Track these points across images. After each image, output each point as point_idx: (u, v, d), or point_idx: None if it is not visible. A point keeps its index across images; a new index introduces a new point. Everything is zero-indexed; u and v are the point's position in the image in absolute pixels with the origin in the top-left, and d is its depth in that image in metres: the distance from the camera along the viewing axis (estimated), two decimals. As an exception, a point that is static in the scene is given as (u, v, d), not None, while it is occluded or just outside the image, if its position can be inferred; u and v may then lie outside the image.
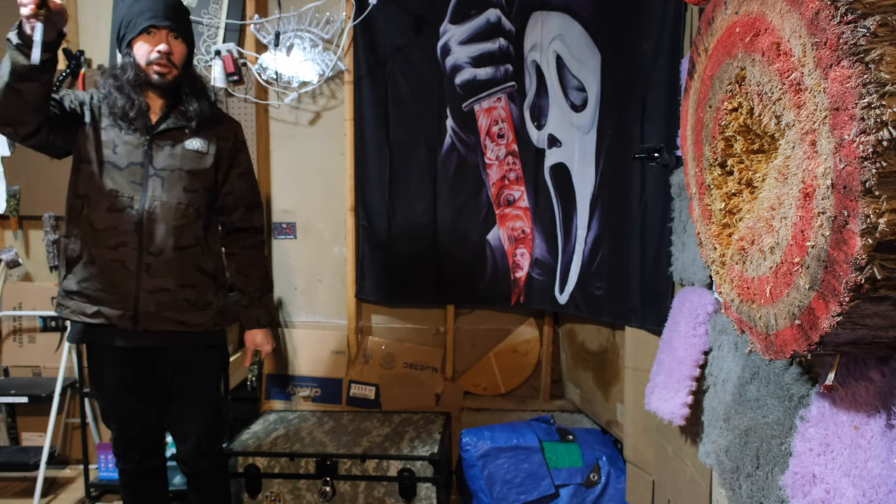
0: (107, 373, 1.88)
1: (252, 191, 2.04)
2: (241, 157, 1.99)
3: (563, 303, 2.82)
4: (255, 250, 2.06)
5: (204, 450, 1.99)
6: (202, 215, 1.88)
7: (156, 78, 1.80)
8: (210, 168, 1.90)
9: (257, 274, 2.05)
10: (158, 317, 1.81)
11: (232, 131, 1.97)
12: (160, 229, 1.79)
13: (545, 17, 2.76)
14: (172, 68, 1.81)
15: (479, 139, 2.93)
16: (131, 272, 1.78)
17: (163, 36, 1.79)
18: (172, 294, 1.82)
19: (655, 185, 2.10)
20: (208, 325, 1.91)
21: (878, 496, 0.82)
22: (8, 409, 3.02)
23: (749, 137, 1.01)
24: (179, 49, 1.83)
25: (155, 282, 1.79)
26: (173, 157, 1.83)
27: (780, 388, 1.16)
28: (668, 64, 2.02)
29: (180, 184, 1.83)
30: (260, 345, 2.08)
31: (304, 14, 2.89)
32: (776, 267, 0.87)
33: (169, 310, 1.82)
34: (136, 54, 1.79)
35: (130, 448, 1.95)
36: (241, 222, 2.02)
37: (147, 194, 1.79)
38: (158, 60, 1.78)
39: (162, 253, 1.79)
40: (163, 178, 1.81)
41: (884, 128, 0.64)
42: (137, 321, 1.79)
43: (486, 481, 2.48)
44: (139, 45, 1.79)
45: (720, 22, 1.06)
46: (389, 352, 3.07)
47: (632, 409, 2.25)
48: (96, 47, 2.98)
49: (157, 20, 1.76)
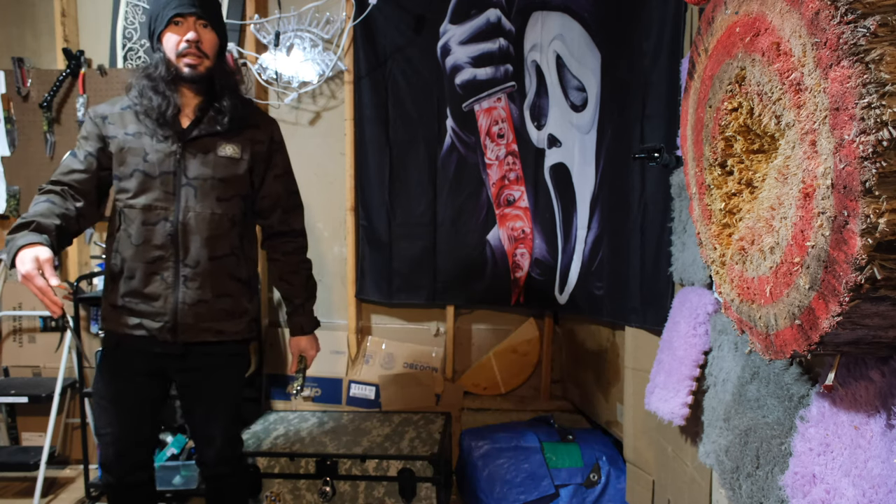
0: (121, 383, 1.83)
1: (289, 193, 1.99)
2: (277, 158, 1.93)
3: (563, 303, 2.82)
4: (297, 255, 2.02)
5: (227, 454, 1.95)
6: (237, 223, 1.84)
7: (187, 71, 1.73)
8: (244, 174, 1.84)
9: (299, 280, 2.01)
10: (197, 328, 1.79)
11: (268, 133, 1.91)
12: (195, 241, 1.76)
13: (545, 17, 2.76)
14: (204, 58, 1.75)
15: (479, 139, 2.93)
16: (169, 284, 1.76)
17: (190, 24, 1.73)
18: (210, 305, 1.80)
19: (655, 185, 2.10)
20: (244, 333, 1.89)
21: (878, 496, 0.82)
22: (8, 409, 3.02)
23: (749, 137, 1.01)
24: (209, 38, 1.76)
25: (192, 294, 1.77)
26: (206, 164, 1.78)
27: (780, 388, 1.16)
28: (668, 64, 2.02)
29: (213, 193, 1.78)
30: (305, 350, 2.06)
31: (304, 14, 2.89)
32: (776, 267, 0.87)
33: (207, 321, 1.80)
34: (166, 47, 1.74)
35: (120, 462, 1.85)
36: (279, 225, 1.97)
37: (180, 205, 1.75)
38: (188, 50, 1.72)
39: (198, 264, 1.77)
40: (195, 187, 1.77)
41: (884, 128, 0.64)
42: (177, 333, 1.78)
43: (486, 481, 2.48)
44: (167, 36, 1.73)
45: (720, 22, 1.06)
46: (389, 352, 3.07)
47: (632, 409, 2.25)
48: (96, 47, 2.98)
49: (183, 7, 1.71)
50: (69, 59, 2.88)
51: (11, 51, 2.98)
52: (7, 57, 2.94)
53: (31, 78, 2.92)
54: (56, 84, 2.88)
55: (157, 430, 1.97)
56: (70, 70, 2.88)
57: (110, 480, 1.86)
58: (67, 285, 2.83)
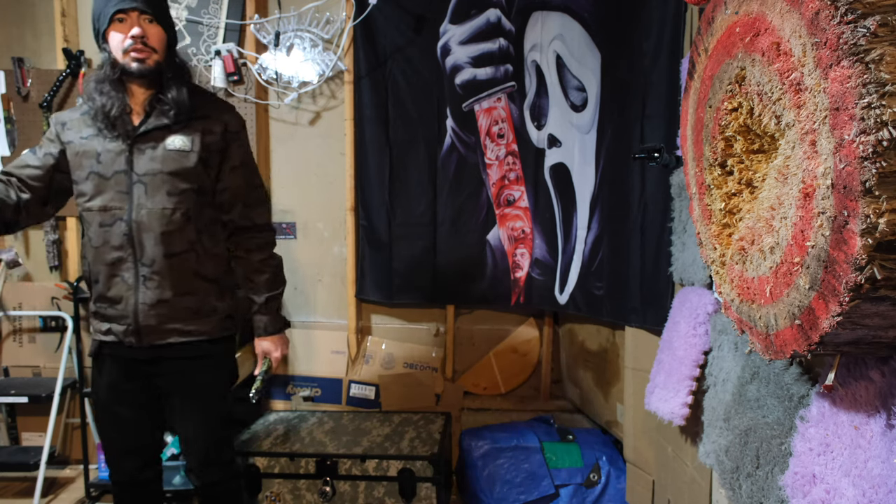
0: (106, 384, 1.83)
1: (250, 186, 1.89)
2: (232, 149, 1.84)
3: (563, 303, 2.82)
4: (260, 251, 1.92)
5: (212, 459, 1.89)
6: (192, 218, 1.77)
7: (135, 66, 1.68)
8: (195, 166, 1.76)
9: (262, 278, 1.92)
10: (160, 329, 1.75)
11: (221, 122, 1.82)
12: (149, 238, 1.72)
13: (545, 17, 2.76)
14: (151, 52, 1.70)
15: (479, 139, 2.93)
16: (130, 286, 1.73)
17: (134, 19, 1.68)
18: (171, 305, 1.75)
19: (655, 185, 2.10)
20: (215, 332, 1.83)
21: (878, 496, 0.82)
22: (8, 409, 3.02)
23: (749, 137, 1.01)
24: (155, 32, 1.72)
25: (152, 293, 1.73)
26: (154, 160, 1.73)
27: (780, 388, 1.16)
28: (668, 64, 2.02)
29: (163, 188, 1.73)
30: (268, 352, 1.96)
31: (304, 14, 2.89)
32: (776, 267, 0.87)
33: (171, 321, 1.76)
34: (112, 45, 1.70)
35: (126, 459, 1.85)
36: (241, 220, 1.89)
37: (133, 203, 1.72)
38: (133, 46, 1.67)
39: (154, 262, 1.73)
40: (146, 183, 1.72)
41: (884, 128, 0.64)
42: (140, 336, 1.75)
43: (486, 481, 2.48)
44: (112, 34, 1.70)
45: (720, 22, 1.06)
46: (389, 352, 3.07)
47: (632, 409, 2.25)
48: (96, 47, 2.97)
49: (124, 3, 1.67)
50: (69, 59, 2.88)
51: (11, 51, 2.98)
52: (7, 57, 2.94)
53: (31, 78, 2.92)
54: (56, 84, 2.88)
55: (158, 430, 1.93)
56: (70, 70, 2.88)
57: (117, 478, 1.88)
58: (67, 285, 2.83)
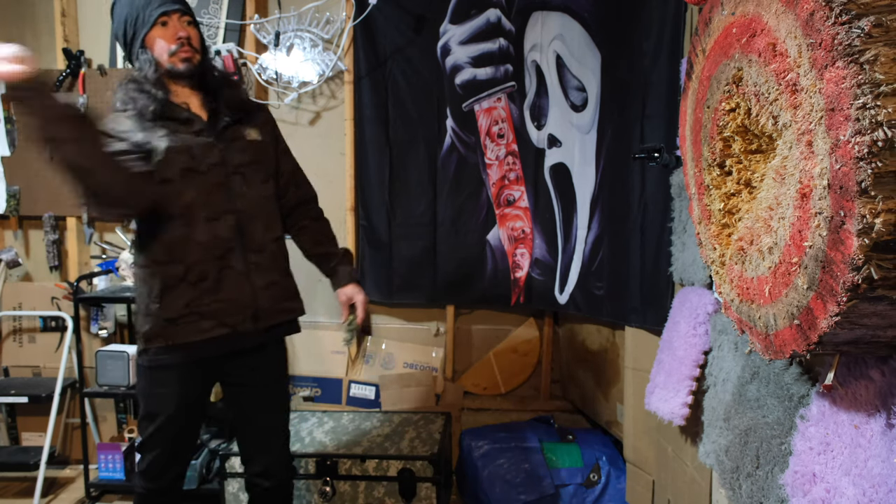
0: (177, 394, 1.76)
1: (298, 166, 2.03)
2: (279, 134, 1.98)
3: (563, 303, 2.82)
4: (322, 218, 2.07)
5: (287, 456, 1.92)
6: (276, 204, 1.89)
7: (184, 67, 1.70)
8: (272, 155, 1.89)
9: (333, 236, 2.07)
10: (275, 309, 1.82)
11: (264, 113, 1.94)
12: (258, 226, 1.78)
13: (545, 17, 2.76)
14: (195, 52, 1.73)
15: (479, 139, 2.93)
16: (241, 272, 1.75)
17: (175, 21, 1.70)
18: (280, 285, 1.85)
19: (655, 185, 2.10)
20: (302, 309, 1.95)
21: (879, 495, 0.82)
22: (8, 409, 3.02)
23: (747, 138, 1.01)
24: (195, 33, 1.75)
25: (264, 276, 1.79)
26: (243, 151, 1.79)
27: (780, 388, 1.16)
28: (668, 64, 2.02)
29: (257, 177, 1.81)
30: (352, 296, 2.01)
31: (304, 14, 2.89)
32: (775, 267, 0.87)
33: (283, 300, 1.85)
34: (156, 49, 1.68)
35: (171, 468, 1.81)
36: (303, 195, 2.02)
37: (234, 193, 1.75)
38: (182, 49, 1.69)
39: (265, 248, 1.80)
40: (242, 174, 1.78)
41: (879, 128, 0.64)
42: (258, 319, 1.78)
43: (487, 481, 2.48)
44: (156, 39, 1.68)
45: (717, 23, 1.06)
46: (389, 352, 3.07)
47: (632, 409, 2.25)
48: (96, 47, 2.98)
49: (168, 5, 1.69)
50: (69, 59, 2.88)
51: (12, 51, 2.98)
52: (7, 57, 2.95)
53: (32, 78, 2.92)
54: (56, 84, 2.88)
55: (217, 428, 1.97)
56: (70, 70, 2.88)
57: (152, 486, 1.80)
58: (67, 285, 2.83)
